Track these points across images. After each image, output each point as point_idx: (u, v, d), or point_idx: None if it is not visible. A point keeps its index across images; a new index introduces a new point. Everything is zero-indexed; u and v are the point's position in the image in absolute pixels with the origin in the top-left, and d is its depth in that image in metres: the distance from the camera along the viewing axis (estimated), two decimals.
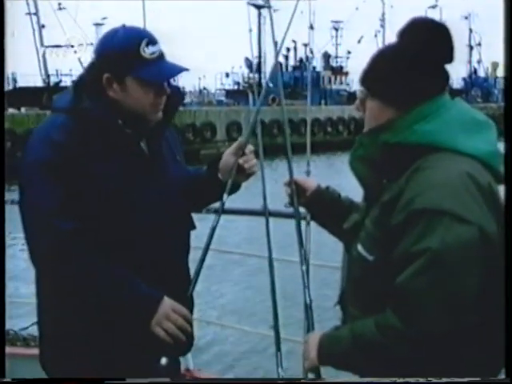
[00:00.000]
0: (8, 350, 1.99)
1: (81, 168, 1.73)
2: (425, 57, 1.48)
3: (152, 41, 1.78)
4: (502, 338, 1.51)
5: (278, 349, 1.85)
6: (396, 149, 1.48)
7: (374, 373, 1.48)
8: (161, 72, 1.78)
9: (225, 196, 1.87)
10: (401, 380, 1.44)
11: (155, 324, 1.72)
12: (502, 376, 1.49)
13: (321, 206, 1.88)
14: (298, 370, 1.76)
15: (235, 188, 1.94)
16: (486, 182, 1.42)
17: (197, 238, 2.01)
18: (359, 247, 1.53)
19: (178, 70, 1.83)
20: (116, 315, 1.74)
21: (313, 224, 1.93)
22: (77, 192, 1.72)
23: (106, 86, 1.78)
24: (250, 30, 2.64)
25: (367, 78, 1.56)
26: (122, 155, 1.80)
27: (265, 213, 2.00)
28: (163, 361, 1.68)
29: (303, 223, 1.92)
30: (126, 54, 1.74)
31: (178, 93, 1.95)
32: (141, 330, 1.73)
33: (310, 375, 1.63)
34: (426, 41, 1.48)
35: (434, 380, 1.42)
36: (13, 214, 1.85)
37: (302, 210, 1.91)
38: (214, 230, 1.84)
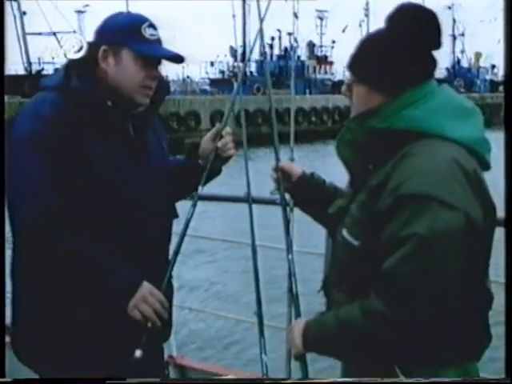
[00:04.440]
0: None
1: (68, 144, 1.74)
2: (412, 43, 1.48)
3: (153, 25, 1.86)
4: (484, 322, 1.54)
5: (262, 335, 1.85)
6: (383, 134, 1.48)
7: (359, 358, 1.48)
8: (156, 51, 1.84)
9: (200, 188, 1.91)
10: (401, 380, 1.45)
11: (133, 306, 1.73)
12: (500, 374, 1.51)
13: (306, 192, 1.87)
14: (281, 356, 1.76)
15: (216, 173, 2.00)
16: (471, 169, 1.43)
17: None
18: (344, 232, 1.53)
19: (173, 53, 1.87)
20: (94, 295, 1.74)
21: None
22: (63, 168, 1.73)
23: (100, 59, 1.82)
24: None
25: (354, 63, 1.55)
26: (109, 136, 1.81)
27: (248, 199, 2.00)
28: (137, 353, 1.68)
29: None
30: (127, 28, 1.82)
31: (165, 83, 2.00)
32: (118, 314, 1.73)
33: (296, 362, 1.63)
34: (414, 27, 1.47)
35: (434, 380, 1.44)
36: None
37: (286, 196, 1.91)
38: (189, 221, 1.87)
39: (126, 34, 1.81)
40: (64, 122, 1.75)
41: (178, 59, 1.88)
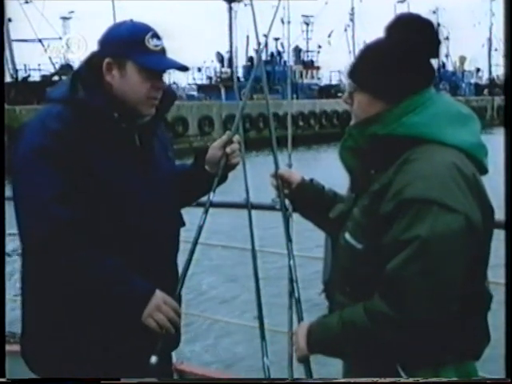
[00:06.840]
0: None
1: (77, 157, 1.73)
2: (413, 51, 1.52)
3: (157, 35, 1.83)
4: (483, 322, 1.57)
5: (263, 338, 1.87)
6: (384, 140, 1.51)
7: (362, 357, 1.51)
8: (161, 62, 1.83)
9: (211, 194, 1.90)
10: (401, 380, 1.48)
11: (147, 315, 1.73)
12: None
13: (306, 198, 1.90)
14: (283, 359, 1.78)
15: (222, 179, 1.99)
16: (470, 173, 1.47)
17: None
18: (347, 236, 1.56)
19: (177, 64, 1.86)
20: (108, 306, 1.74)
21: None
22: (73, 181, 1.72)
23: (105, 72, 1.80)
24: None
25: (356, 71, 1.59)
26: (116, 148, 1.81)
27: (247, 205, 2.02)
28: (153, 359, 1.68)
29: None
30: (130, 40, 1.79)
31: (171, 91, 1.99)
32: (132, 324, 1.73)
33: (300, 364, 1.65)
34: (415, 36, 1.51)
35: (435, 380, 1.47)
36: None
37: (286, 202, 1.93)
38: (201, 228, 1.85)
39: (129, 46, 1.78)
40: (71, 135, 1.74)
41: (182, 69, 1.88)
